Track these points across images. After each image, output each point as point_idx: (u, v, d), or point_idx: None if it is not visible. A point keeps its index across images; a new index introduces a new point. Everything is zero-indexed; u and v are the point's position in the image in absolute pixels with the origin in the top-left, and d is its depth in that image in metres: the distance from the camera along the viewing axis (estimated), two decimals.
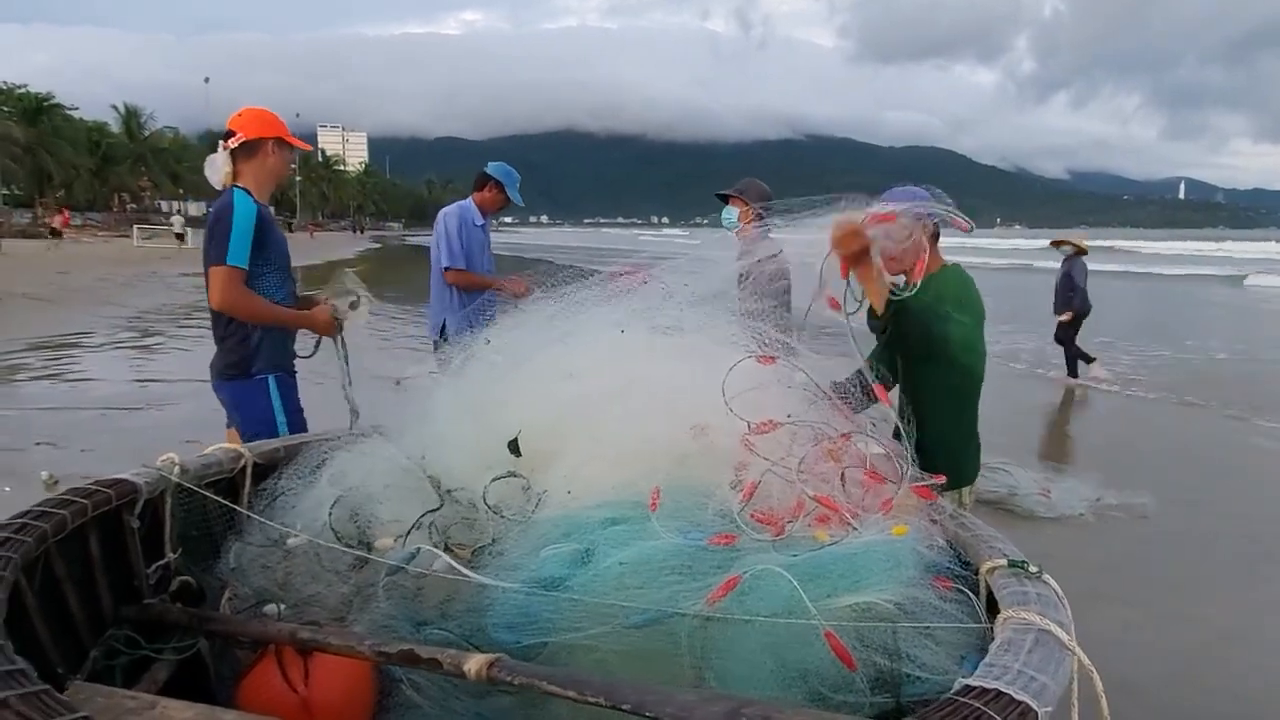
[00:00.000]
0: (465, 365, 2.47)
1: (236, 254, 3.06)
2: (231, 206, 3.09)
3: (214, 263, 3.09)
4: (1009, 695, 1.24)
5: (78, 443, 6.54)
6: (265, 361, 3.25)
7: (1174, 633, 3.98)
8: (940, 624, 1.60)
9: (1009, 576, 1.70)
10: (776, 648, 1.56)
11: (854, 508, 1.85)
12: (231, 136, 3.20)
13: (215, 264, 3.08)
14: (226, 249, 3.05)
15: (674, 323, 2.36)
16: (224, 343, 3.24)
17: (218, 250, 3.07)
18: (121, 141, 72.36)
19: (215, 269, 3.09)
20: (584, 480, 2.02)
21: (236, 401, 3.25)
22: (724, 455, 1.96)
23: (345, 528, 2.15)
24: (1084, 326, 10.53)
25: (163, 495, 2.21)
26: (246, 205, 3.11)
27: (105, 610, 2.00)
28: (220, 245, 3.06)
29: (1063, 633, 1.45)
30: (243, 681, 1.86)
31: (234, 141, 3.19)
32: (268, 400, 3.23)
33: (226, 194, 3.16)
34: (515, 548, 1.91)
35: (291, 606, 2.02)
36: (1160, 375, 11.47)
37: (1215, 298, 27.20)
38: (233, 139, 3.20)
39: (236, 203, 3.10)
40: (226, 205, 3.11)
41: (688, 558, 1.72)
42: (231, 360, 3.23)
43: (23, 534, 1.72)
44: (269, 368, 3.26)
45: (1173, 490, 6.04)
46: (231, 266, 3.07)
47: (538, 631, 1.71)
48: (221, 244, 3.06)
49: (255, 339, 3.22)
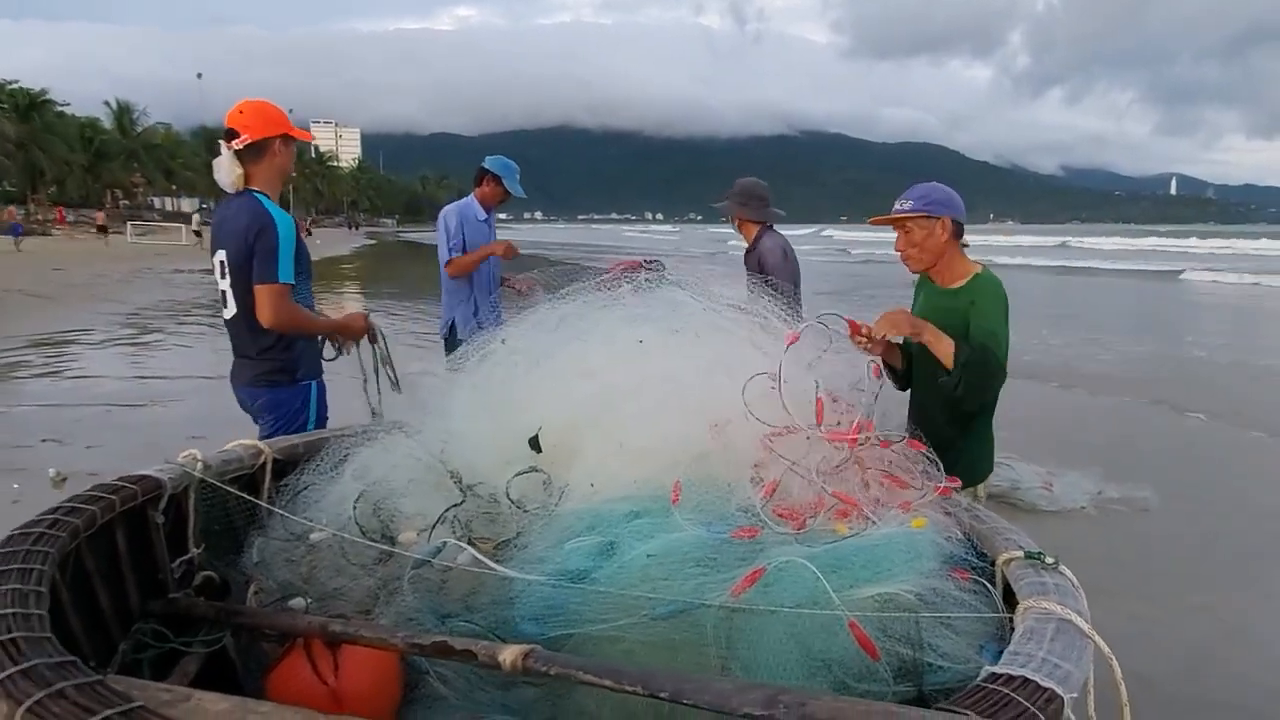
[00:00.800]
0: (483, 364, 2.49)
1: (286, 271, 3.05)
2: (272, 222, 3.04)
3: (263, 281, 3.04)
4: (1035, 682, 1.27)
5: (83, 439, 6.56)
6: (308, 368, 3.30)
7: (1181, 625, 4.02)
8: (961, 614, 1.64)
9: (1026, 568, 1.74)
10: (801, 638, 1.58)
11: (873, 503, 1.89)
12: (235, 137, 3.11)
13: (265, 282, 3.04)
14: (276, 268, 3.02)
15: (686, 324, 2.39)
16: (266, 353, 3.21)
17: (267, 269, 3.03)
18: (114, 137, 72.20)
19: (266, 288, 3.04)
20: (605, 475, 2.05)
21: (275, 404, 3.23)
22: (742, 453, 1.99)
23: (369, 522, 2.18)
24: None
25: (186, 491, 2.24)
26: (285, 220, 3.08)
27: (132, 604, 2.03)
28: (269, 263, 3.02)
29: (1083, 621, 1.49)
30: (271, 674, 1.88)
31: (239, 143, 3.11)
32: (305, 405, 3.25)
33: (250, 201, 3.10)
34: (539, 541, 1.94)
35: (317, 600, 2.05)
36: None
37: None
38: (237, 140, 3.11)
39: (276, 217, 3.05)
40: (262, 218, 3.05)
41: (711, 550, 1.75)
42: (274, 367, 3.22)
43: (56, 529, 1.75)
44: (311, 374, 3.30)
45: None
46: (284, 284, 3.05)
47: (564, 623, 1.73)
48: (270, 262, 3.02)
49: (299, 346, 3.25)
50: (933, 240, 2.86)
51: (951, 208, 2.86)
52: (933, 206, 2.84)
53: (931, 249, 2.87)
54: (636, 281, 2.59)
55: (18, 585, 1.47)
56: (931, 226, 2.85)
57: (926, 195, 2.86)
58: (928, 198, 2.85)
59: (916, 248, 2.89)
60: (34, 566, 1.56)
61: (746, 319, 2.36)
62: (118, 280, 19.15)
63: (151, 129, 79.02)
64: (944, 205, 2.85)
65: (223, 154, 3.13)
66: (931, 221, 2.84)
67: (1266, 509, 5.74)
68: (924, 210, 2.84)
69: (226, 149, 3.13)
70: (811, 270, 16.83)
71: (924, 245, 2.87)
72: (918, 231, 2.87)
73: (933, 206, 2.84)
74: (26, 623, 1.36)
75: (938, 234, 2.85)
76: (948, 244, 2.87)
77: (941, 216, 2.84)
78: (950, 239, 2.86)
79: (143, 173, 74.20)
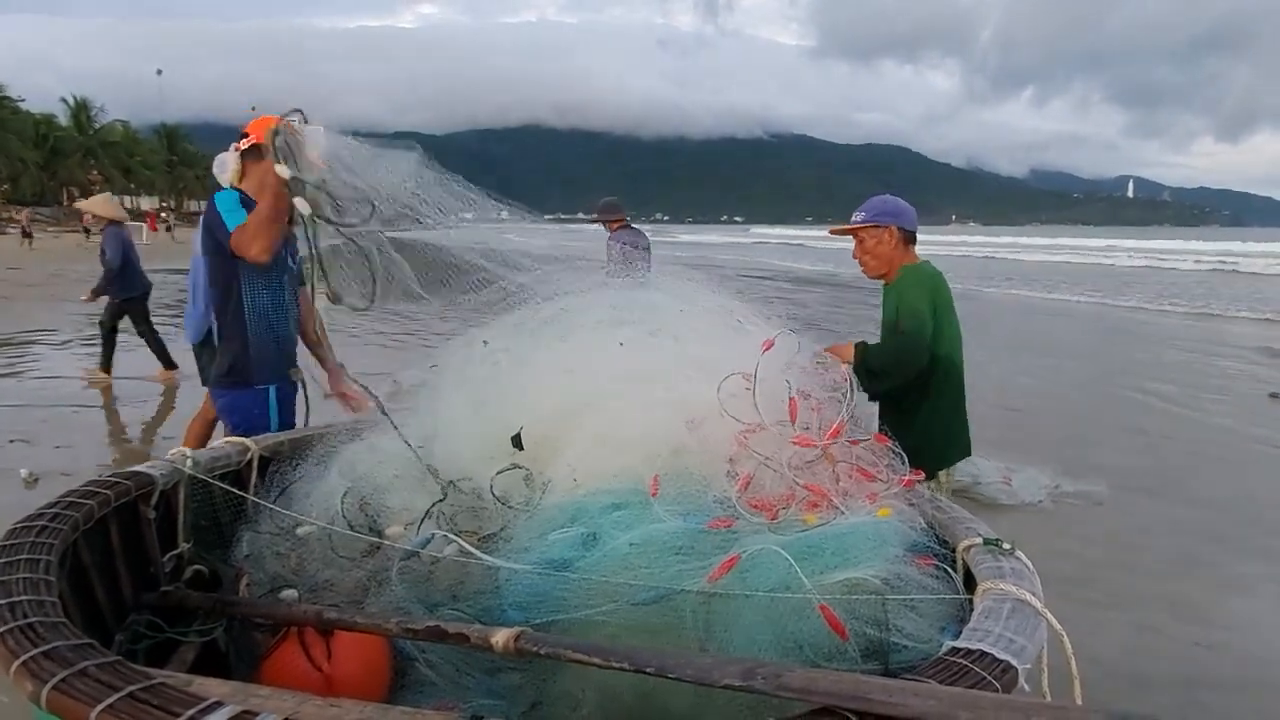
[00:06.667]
0: (466, 362, 2.56)
1: (234, 221, 3.02)
2: (213, 201, 3.11)
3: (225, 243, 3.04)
4: (992, 655, 1.38)
5: (51, 440, 6.52)
6: (268, 372, 3.23)
7: (1129, 608, 4.22)
8: (924, 596, 1.75)
9: (985, 554, 1.85)
10: (774, 621, 1.67)
11: (841, 495, 1.99)
12: (244, 138, 3.19)
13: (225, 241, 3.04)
14: (225, 225, 3.03)
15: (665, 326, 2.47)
16: (225, 345, 3.24)
17: (221, 232, 3.05)
18: (70, 134, 70.93)
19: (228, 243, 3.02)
20: (585, 469, 2.12)
21: (234, 407, 3.23)
22: (718, 447, 2.08)
23: (355, 517, 2.25)
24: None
25: (176, 487, 2.30)
26: (225, 194, 3.11)
27: (125, 597, 2.08)
28: (220, 227, 3.05)
29: (1036, 601, 1.61)
30: (266, 662, 1.95)
31: (245, 143, 3.17)
32: (265, 410, 3.22)
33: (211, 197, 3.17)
34: (523, 533, 2.02)
35: (308, 591, 2.12)
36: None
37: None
38: (244, 140, 3.18)
39: (217, 196, 3.11)
40: (210, 205, 3.13)
41: (689, 539, 1.83)
42: (231, 366, 3.22)
43: (56, 523, 1.81)
44: (271, 379, 3.25)
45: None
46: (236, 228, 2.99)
47: (549, 610, 1.81)
48: (220, 226, 3.05)
49: (258, 346, 3.20)
50: (882, 247, 3.22)
51: (899, 217, 3.23)
52: (881, 217, 3.22)
53: (881, 255, 3.23)
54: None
55: (28, 574, 1.53)
56: (880, 235, 3.22)
57: (875, 207, 3.25)
58: (876, 209, 3.24)
59: (869, 255, 3.25)
60: (41, 557, 1.62)
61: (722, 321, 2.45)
62: (74, 280, 18.82)
63: (109, 126, 77.69)
64: (891, 215, 3.22)
65: (229, 153, 3.22)
66: (880, 230, 3.22)
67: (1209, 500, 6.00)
68: (873, 220, 3.23)
69: (234, 150, 3.22)
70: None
71: (874, 252, 3.24)
72: (869, 240, 3.24)
73: (881, 217, 3.22)
74: (41, 609, 1.42)
75: (886, 241, 3.22)
76: (896, 249, 3.23)
77: (889, 225, 3.21)
78: (899, 244, 3.23)
79: (100, 171, 72.90)
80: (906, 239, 3.24)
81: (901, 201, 3.31)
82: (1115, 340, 15.58)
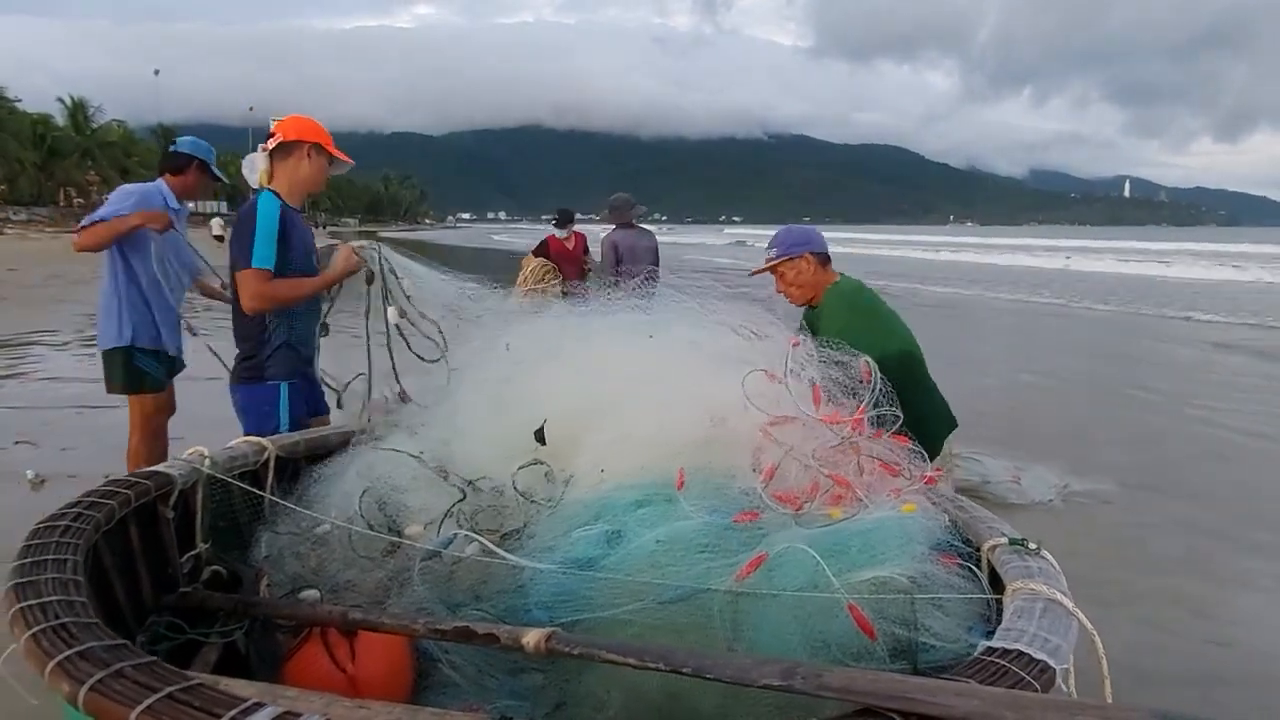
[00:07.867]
0: (486, 362, 2.56)
1: (261, 256, 3.05)
2: (254, 208, 3.10)
3: (238, 267, 3.09)
4: (1029, 655, 1.38)
5: (56, 441, 6.49)
6: (280, 369, 3.25)
7: (1143, 607, 4.22)
8: (953, 595, 1.74)
9: (1010, 553, 1.85)
10: (802, 620, 1.66)
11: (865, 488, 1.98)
12: (272, 137, 3.22)
13: (240, 268, 3.09)
14: (251, 252, 3.05)
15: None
16: (243, 345, 3.26)
17: (243, 254, 3.07)
18: (67, 135, 70.78)
19: (242, 274, 3.09)
20: (608, 466, 2.12)
21: (248, 402, 3.25)
22: (743, 442, 2.07)
23: (374, 517, 2.24)
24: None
25: (195, 486, 2.29)
26: (270, 205, 3.11)
27: (145, 598, 2.07)
28: (245, 249, 3.06)
29: (1068, 601, 1.60)
30: (289, 663, 1.93)
31: (272, 142, 3.20)
32: (275, 406, 3.23)
33: (254, 198, 3.17)
34: (547, 531, 2.01)
35: (329, 591, 2.11)
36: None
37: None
38: (272, 139, 3.21)
39: (260, 204, 3.11)
40: (251, 208, 3.13)
41: (716, 535, 1.82)
42: (248, 363, 3.24)
43: (80, 522, 1.80)
44: (282, 375, 3.25)
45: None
46: (257, 269, 3.05)
47: (574, 609, 1.80)
48: (246, 247, 3.06)
49: (274, 344, 3.22)
50: (802, 276, 3.34)
51: (809, 244, 3.36)
52: (793, 249, 3.34)
53: (803, 284, 3.36)
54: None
55: (56, 574, 1.52)
56: (797, 264, 3.34)
57: (784, 240, 3.38)
58: (784, 243, 3.36)
59: (793, 285, 3.37)
60: (67, 557, 1.61)
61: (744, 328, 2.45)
62: (73, 281, 18.80)
63: (106, 126, 77.55)
64: (802, 244, 3.35)
65: (257, 153, 3.24)
66: (795, 260, 3.33)
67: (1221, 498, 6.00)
68: (786, 254, 3.34)
69: (262, 149, 3.23)
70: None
71: (797, 282, 3.36)
72: (789, 273, 3.36)
73: (793, 249, 3.34)
74: (71, 609, 1.41)
75: (804, 269, 3.34)
76: (816, 274, 3.35)
77: (802, 254, 3.33)
78: (817, 269, 3.35)
79: (98, 171, 72.74)
80: (822, 260, 3.37)
81: (807, 228, 3.56)
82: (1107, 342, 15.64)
